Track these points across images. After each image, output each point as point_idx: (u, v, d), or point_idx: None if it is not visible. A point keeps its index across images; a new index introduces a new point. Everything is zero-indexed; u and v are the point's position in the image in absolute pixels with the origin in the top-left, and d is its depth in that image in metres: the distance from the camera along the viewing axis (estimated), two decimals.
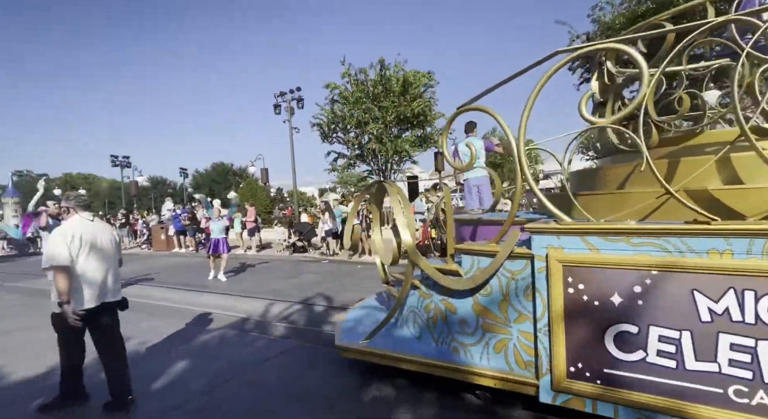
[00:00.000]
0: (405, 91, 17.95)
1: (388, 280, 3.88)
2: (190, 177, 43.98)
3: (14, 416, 2.97)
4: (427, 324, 3.05)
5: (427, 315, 3.05)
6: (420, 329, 3.11)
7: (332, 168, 20.54)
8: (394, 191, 3.30)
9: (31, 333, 5.08)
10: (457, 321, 2.83)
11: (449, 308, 2.89)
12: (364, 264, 9.62)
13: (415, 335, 3.14)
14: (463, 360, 2.78)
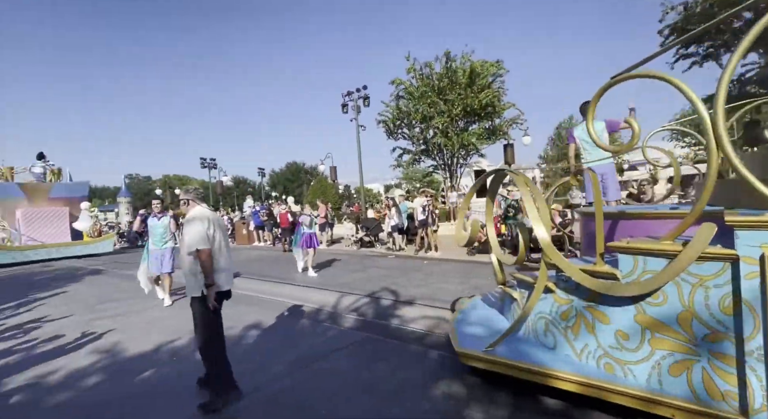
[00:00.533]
0: (472, 83, 17.41)
1: (504, 281, 3.57)
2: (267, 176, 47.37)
3: (130, 388, 3.43)
4: (565, 333, 2.68)
5: (564, 323, 2.69)
6: (554, 339, 2.76)
7: (397, 164, 20.68)
8: (521, 180, 2.95)
9: (140, 315, 5.86)
10: (612, 334, 2.42)
11: (599, 317, 2.49)
12: (430, 260, 9.56)
13: (548, 345, 2.80)
14: (621, 380, 2.34)
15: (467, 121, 18.96)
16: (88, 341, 4.69)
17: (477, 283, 6.60)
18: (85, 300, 7.23)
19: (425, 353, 3.70)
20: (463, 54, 17.89)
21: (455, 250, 10.54)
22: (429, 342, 4.02)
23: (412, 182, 48.91)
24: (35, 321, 5.92)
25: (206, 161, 29.37)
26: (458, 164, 19.68)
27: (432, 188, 46.18)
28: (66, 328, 5.32)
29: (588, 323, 2.55)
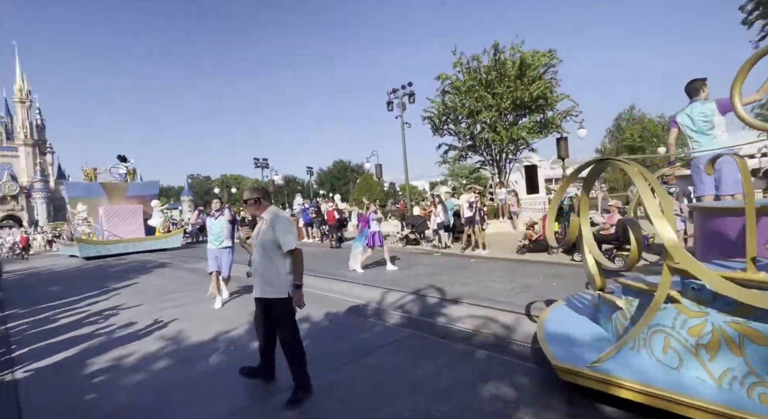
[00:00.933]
0: (522, 75, 16.71)
1: (604, 286, 3.22)
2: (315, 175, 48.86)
3: (193, 372, 3.71)
4: (695, 352, 2.30)
5: (695, 340, 2.31)
6: (678, 357, 2.39)
7: (443, 161, 20.39)
8: (634, 170, 2.61)
9: (201, 306, 6.30)
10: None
11: (751, 335, 2.08)
12: (477, 258, 9.35)
13: (669, 364, 2.43)
14: None
15: (517, 114, 18.24)
16: (156, 328, 5.13)
17: (527, 282, 6.36)
18: (153, 291, 7.90)
19: (472, 352, 3.63)
20: (512, 45, 17.22)
21: (504, 248, 10.22)
22: (476, 341, 3.94)
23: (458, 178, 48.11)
24: (113, 308, 6.57)
25: (259, 160, 30.83)
26: (507, 159, 19.01)
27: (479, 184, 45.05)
28: (138, 316, 5.86)
29: (731, 341, 2.14)
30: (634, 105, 45.80)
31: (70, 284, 9.89)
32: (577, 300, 4.00)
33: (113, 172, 20.80)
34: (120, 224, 18.43)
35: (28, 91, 53.78)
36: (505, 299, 5.43)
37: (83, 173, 20.95)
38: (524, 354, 3.54)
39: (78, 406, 3.14)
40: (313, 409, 2.83)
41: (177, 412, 2.92)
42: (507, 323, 4.40)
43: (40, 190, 51.74)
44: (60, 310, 6.81)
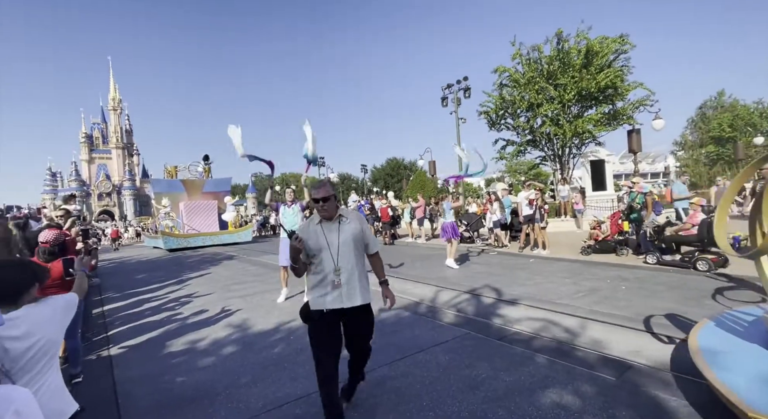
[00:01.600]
0: (588, 63, 15.60)
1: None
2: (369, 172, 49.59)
3: (257, 358, 3.96)
4: None
5: None
6: None
7: (500, 156, 19.65)
8: None
9: (263, 297, 6.69)
10: None
11: None
12: (537, 258, 8.92)
13: None
14: None
15: (582, 106, 17.07)
16: (224, 316, 5.55)
17: (592, 285, 5.95)
18: (222, 281, 8.54)
19: (531, 357, 3.48)
20: (578, 32, 16.12)
21: (566, 249, 9.65)
22: (536, 345, 3.77)
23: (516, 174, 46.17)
24: (188, 296, 7.21)
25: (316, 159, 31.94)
26: (570, 154, 17.89)
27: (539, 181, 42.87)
28: (209, 304, 6.36)
29: None
30: (723, 91, 40.79)
31: (153, 272, 11.01)
32: (738, 320, 3.25)
33: (192, 169, 22.42)
34: (197, 218, 19.63)
35: (120, 100, 60.52)
36: (567, 301, 5.13)
37: (165, 170, 22.63)
38: (589, 360, 3.32)
39: (160, 383, 3.49)
40: (369, 400, 2.89)
41: (244, 394, 3.14)
42: (570, 327, 4.16)
43: (129, 188, 58.01)
44: (144, 296, 7.61)
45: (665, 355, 3.33)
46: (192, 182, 21.12)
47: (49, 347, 1.62)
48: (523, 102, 17.11)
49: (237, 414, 2.84)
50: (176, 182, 21.01)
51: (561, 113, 16.44)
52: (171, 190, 20.25)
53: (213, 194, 20.91)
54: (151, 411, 3.01)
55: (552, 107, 16.26)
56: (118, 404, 3.17)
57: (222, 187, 21.74)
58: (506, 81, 17.91)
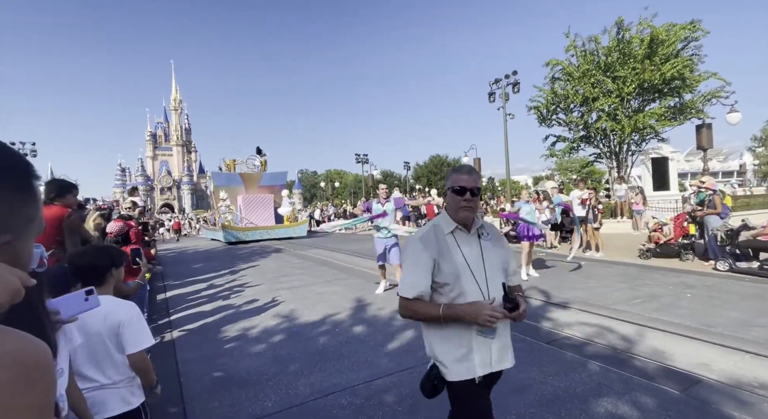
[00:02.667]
0: (652, 53, 14.48)
1: None
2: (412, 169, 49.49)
3: (305, 347, 4.11)
4: None
5: None
6: None
7: (550, 153, 18.82)
8: None
9: (309, 289, 6.91)
10: None
11: None
12: (589, 261, 8.46)
13: None
14: None
15: (643, 99, 15.90)
16: (273, 306, 5.80)
17: (652, 291, 5.55)
18: (270, 273, 8.93)
19: (584, 363, 3.32)
20: (641, 20, 15.00)
21: (622, 252, 9.07)
22: (589, 351, 3.59)
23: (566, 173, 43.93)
24: (240, 285, 7.62)
25: (360, 156, 32.39)
26: (629, 151, 16.74)
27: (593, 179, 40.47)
28: (259, 293, 6.68)
29: None
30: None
31: (208, 262, 11.74)
32: None
33: (249, 163, 22.35)
34: (254, 211, 19.37)
35: (180, 101, 64.96)
36: (624, 307, 4.83)
37: (223, 164, 22.43)
38: (649, 371, 3.11)
39: (216, 365, 3.73)
40: (414, 396, 2.90)
41: (292, 381, 3.27)
42: (627, 334, 3.92)
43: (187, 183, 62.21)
44: (201, 284, 8.14)
45: (741, 371, 3.04)
46: (249, 176, 20.98)
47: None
48: (577, 96, 16.25)
49: (286, 400, 2.97)
50: (235, 175, 20.90)
51: (619, 107, 15.42)
52: (230, 183, 20.26)
53: (269, 188, 20.81)
54: (209, 389, 3.23)
55: (609, 100, 15.31)
56: (180, 382, 3.43)
57: (278, 181, 21.62)
58: (559, 74, 17.11)
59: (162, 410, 2.98)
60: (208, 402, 3.04)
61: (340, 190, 61.40)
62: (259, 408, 2.89)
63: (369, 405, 2.83)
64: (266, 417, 2.76)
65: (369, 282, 7.21)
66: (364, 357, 3.68)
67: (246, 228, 18.02)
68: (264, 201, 19.90)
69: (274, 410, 2.84)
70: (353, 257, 10.79)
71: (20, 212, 0.56)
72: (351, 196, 58.00)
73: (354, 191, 58.86)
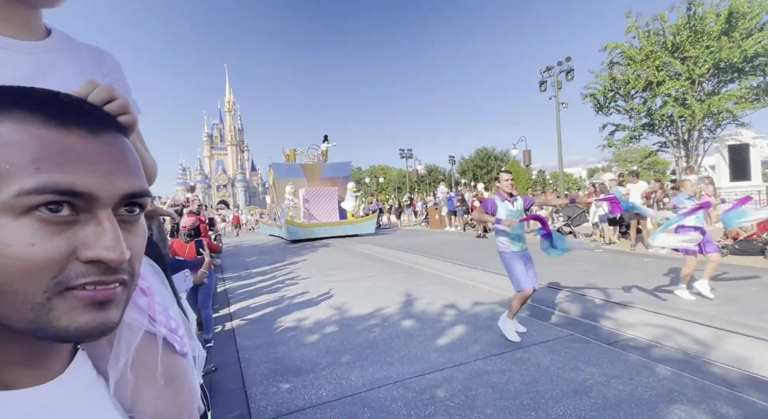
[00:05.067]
0: (731, 29, 13.04)
1: None
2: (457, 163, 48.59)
3: (355, 339, 4.20)
4: None
5: None
6: None
7: (608, 143, 17.62)
8: None
9: (358, 283, 7.04)
10: None
11: None
12: (653, 258, 7.85)
13: None
14: None
15: (719, 81, 14.39)
16: (324, 298, 5.98)
17: (729, 292, 5.04)
18: (320, 266, 9.21)
19: (651, 367, 3.10)
20: None
21: None
22: (656, 354, 3.34)
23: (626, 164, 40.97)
24: (292, 278, 7.93)
25: (404, 151, 32.34)
26: (700, 138, 15.27)
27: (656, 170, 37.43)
28: (310, 286, 6.92)
29: None
30: None
31: (262, 256, 12.35)
32: None
33: (310, 153, 20.34)
34: (318, 206, 17.57)
35: (234, 102, 68.58)
36: (696, 309, 4.44)
37: (283, 154, 20.58)
38: (730, 379, 2.84)
39: (273, 353, 3.93)
40: (465, 392, 2.87)
41: (345, 372, 3.36)
42: (701, 338, 3.60)
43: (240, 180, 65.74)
44: (257, 277, 8.58)
45: None
46: (311, 167, 19.14)
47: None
48: (639, 81, 15.06)
49: (339, 390, 3.06)
50: (296, 166, 18.99)
51: (689, 90, 14.08)
52: (291, 175, 18.29)
53: (331, 180, 18.80)
54: (268, 376, 3.40)
55: (677, 84, 14.03)
56: (241, 367, 3.65)
57: (341, 172, 19.47)
58: (618, 58, 15.93)
59: (225, 393, 3.20)
60: (268, 387, 3.21)
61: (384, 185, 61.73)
62: (315, 395, 3.00)
63: (421, 399, 2.83)
64: (322, 405, 2.86)
65: (415, 277, 7.21)
66: (414, 352, 3.69)
67: (310, 225, 16.25)
68: (328, 194, 17.86)
69: (329, 398, 2.93)
70: (398, 252, 10.83)
71: None
72: (395, 191, 58.16)
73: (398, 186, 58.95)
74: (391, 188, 60.24)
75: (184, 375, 0.62)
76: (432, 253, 10.10)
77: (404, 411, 2.68)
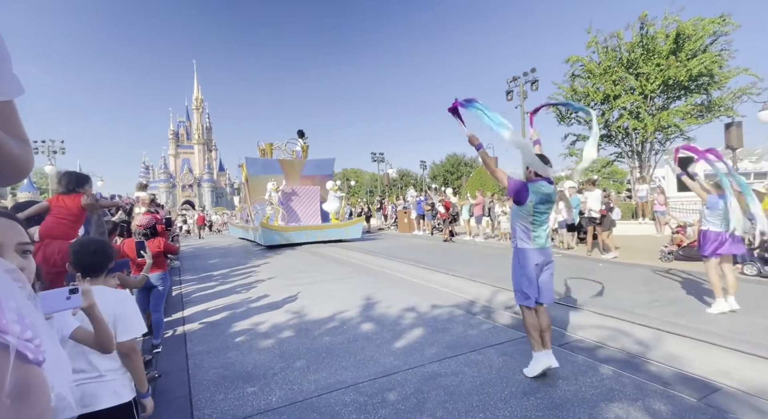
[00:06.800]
0: (678, 49, 13.98)
1: None
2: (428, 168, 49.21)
3: (312, 344, 4.11)
4: None
5: None
6: None
7: (569, 153, 18.37)
8: None
9: (321, 286, 6.93)
10: None
11: None
12: (607, 263, 8.22)
13: None
14: None
15: (668, 97, 15.35)
16: (284, 302, 5.84)
17: (672, 296, 5.35)
18: (284, 269, 9.01)
19: (595, 367, 3.21)
20: (666, 14, 14.48)
21: (643, 254, 8.79)
22: (601, 355, 3.47)
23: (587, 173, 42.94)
24: (253, 282, 7.71)
25: (376, 155, 32.42)
26: (652, 150, 16.20)
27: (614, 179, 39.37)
28: (271, 290, 6.74)
29: None
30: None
31: (224, 258, 11.94)
32: None
33: (289, 148, 18.55)
34: (297, 207, 15.90)
35: (202, 100, 66.36)
36: (642, 311, 4.67)
37: (258, 148, 18.51)
38: (664, 377, 2.99)
39: (224, 359, 3.78)
40: (417, 395, 2.87)
41: (298, 377, 3.28)
42: (643, 339, 3.78)
43: (207, 180, 63.55)
44: (216, 279, 8.28)
45: (765, 380, 2.88)
46: (290, 163, 17.17)
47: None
48: (597, 94, 15.82)
49: (290, 395, 2.97)
50: (273, 162, 16.93)
51: (642, 104, 14.93)
52: (267, 172, 16.20)
53: (311, 179, 16.94)
54: (216, 382, 3.26)
55: (631, 98, 14.84)
56: (189, 373, 3.48)
57: (323, 169, 17.55)
58: (579, 71, 16.68)
59: (169, 400, 3.04)
60: (215, 394, 3.07)
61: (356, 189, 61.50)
62: (264, 402, 2.90)
63: (372, 403, 2.80)
64: (270, 411, 2.77)
65: (379, 280, 7.19)
66: (370, 355, 3.66)
67: (289, 228, 14.36)
68: (310, 194, 16.19)
69: (278, 404, 2.85)
70: (364, 255, 10.79)
71: None
72: (367, 195, 58.12)
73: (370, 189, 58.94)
74: (363, 192, 60.15)
75: (41, 386, 0.56)
76: (398, 256, 10.13)
77: (354, 416, 2.64)
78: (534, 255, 3.12)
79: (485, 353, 3.61)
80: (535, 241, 3.13)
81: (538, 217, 3.12)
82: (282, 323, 4.82)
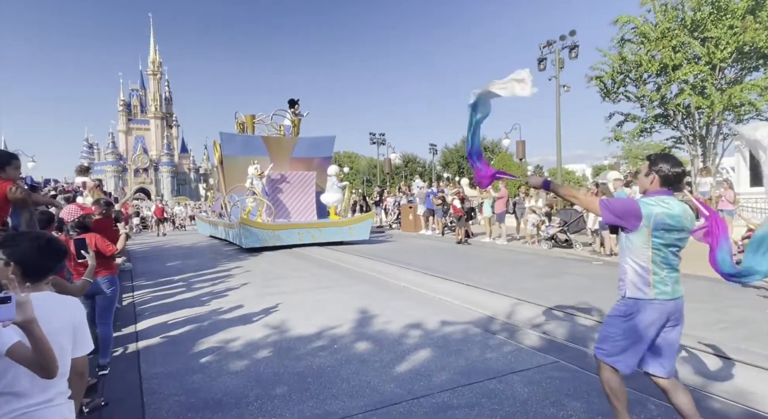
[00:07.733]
0: (758, 6, 13.85)
1: None
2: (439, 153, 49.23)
3: (295, 366, 4.15)
4: None
5: None
6: None
7: (615, 136, 18.34)
8: None
9: (305, 295, 6.98)
10: None
11: None
12: None
13: None
14: None
15: (742, 68, 15.30)
16: (261, 314, 5.87)
17: (743, 315, 5.39)
18: (261, 274, 9.06)
19: (644, 401, 3.23)
20: None
21: (700, 262, 8.77)
22: (652, 387, 3.48)
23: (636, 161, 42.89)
24: (223, 290, 7.76)
25: (375, 136, 32.38)
26: (719, 134, 16.18)
27: None
28: (245, 299, 6.78)
29: None
30: None
31: (187, 260, 12.00)
32: None
33: (276, 123, 17.19)
34: (287, 198, 15.00)
35: (160, 63, 66.14)
36: (703, 334, 4.68)
37: (236, 122, 17.25)
38: (731, 416, 3.02)
39: (187, 384, 3.80)
40: None
41: (278, 406, 3.30)
42: (705, 368, 3.81)
43: (167, 163, 63.62)
44: (177, 286, 8.33)
45: None
46: (278, 142, 15.86)
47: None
48: (652, 63, 15.75)
49: None
50: (256, 139, 15.65)
51: (709, 77, 14.87)
52: (248, 152, 14.75)
53: (306, 162, 15.81)
54: (177, 413, 3.29)
55: (695, 69, 14.77)
56: (144, 402, 3.51)
57: (321, 151, 16.35)
58: (630, 35, 16.60)
59: None
60: None
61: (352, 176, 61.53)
62: None
63: None
64: None
65: (377, 289, 7.23)
66: (367, 381, 3.68)
67: (278, 226, 13.38)
68: (303, 182, 15.15)
69: None
70: (359, 258, 10.83)
71: None
72: (363, 185, 58.17)
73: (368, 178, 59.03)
74: (359, 180, 60.23)
75: None
76: (400, 261, 10.17)
77: None
78: (653, 312, 2.52)
79: (507, 381, 3.63)
80: (656, 288, 2.52)
81: (661, 251, 2.51)
82: (259, 340, 4.85)
